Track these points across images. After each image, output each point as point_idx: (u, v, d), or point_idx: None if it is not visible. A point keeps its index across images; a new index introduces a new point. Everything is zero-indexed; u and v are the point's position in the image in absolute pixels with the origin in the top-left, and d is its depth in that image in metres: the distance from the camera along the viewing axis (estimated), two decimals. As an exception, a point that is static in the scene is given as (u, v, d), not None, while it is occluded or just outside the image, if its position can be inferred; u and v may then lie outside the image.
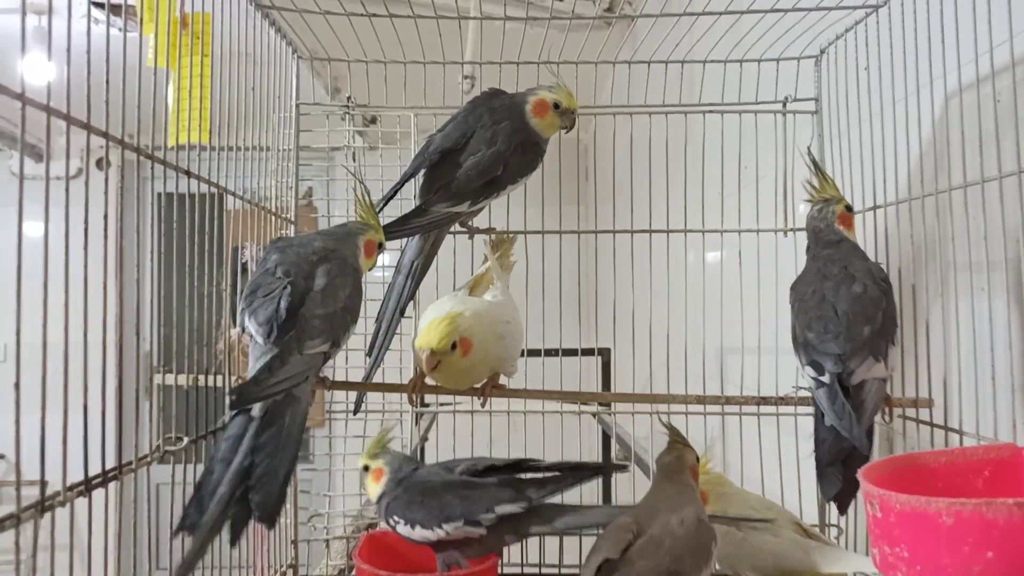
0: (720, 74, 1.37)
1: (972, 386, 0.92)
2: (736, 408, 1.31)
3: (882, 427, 1.08)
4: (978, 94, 0.90)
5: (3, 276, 0.74)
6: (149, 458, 0.89)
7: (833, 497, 0.96)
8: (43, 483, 0.67)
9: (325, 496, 1.83)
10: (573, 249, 1.47)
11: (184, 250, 0.98)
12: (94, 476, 0.78)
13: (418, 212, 1.15)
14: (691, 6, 1.23)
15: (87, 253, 0.72)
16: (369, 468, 1.09)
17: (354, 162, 1.60)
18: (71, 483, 0.73)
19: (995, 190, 0.88)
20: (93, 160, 3.92)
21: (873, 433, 0.97)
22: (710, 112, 1.37)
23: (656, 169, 1.34)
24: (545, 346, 1.40)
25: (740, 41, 1.36)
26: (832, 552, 1.02)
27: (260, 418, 0.91)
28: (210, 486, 0.88)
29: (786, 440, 1.27)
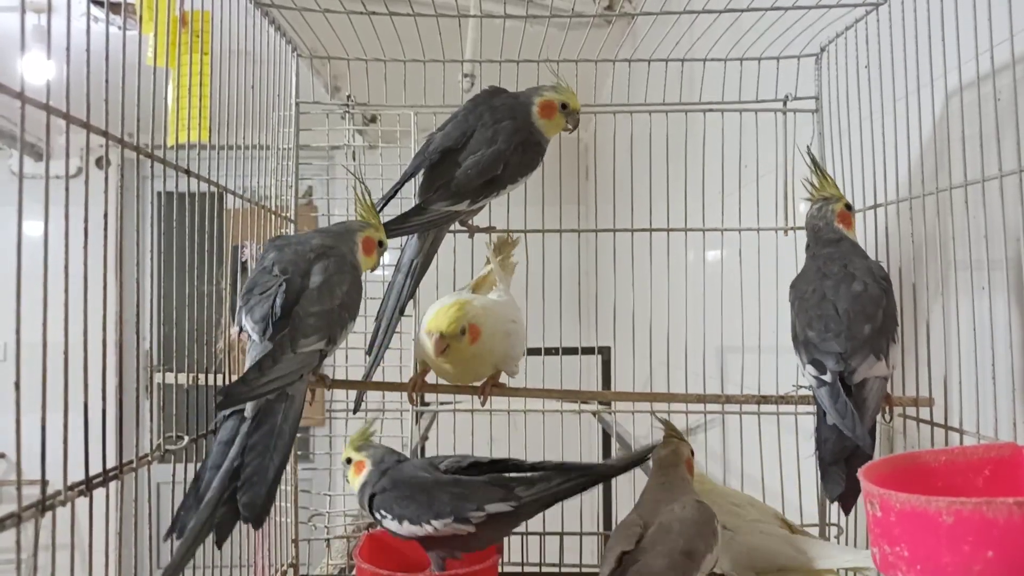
0: (720, 72, 1.37)
1: (972, 385, 0.92)
2: (736, 407, 1.31)
3: (882, 426, 1.08)
4: (978, 92, 0.90)
5: (3, 275, 0.73)
6: (149, 457, 0.89)
7: (837, 497, 0.95)
8: (44, 482, 0.67)
9: (325, 495, 1.83)
10: (573, 248, 1.47)
11: (184, 249, 0.98)
12: (95, 475, 0.78)
13: (418, 211, 1.15)
14: (691, 4, 1.23)
15: (87, 252, 0.72)
16: (351, 461, 1.11)
17: (354, 161, 1.60)
18: (72, 482, 0.73)
19: (995, 189, 0.88)
20: (93, 159, 3.92)
21: (875, 432, 0.97)
22: (710, 111, 1.37)
23: (656, 168, 1.34)
24: (545, 345, 1.40)
25: (740, 39, 1.36)
26: (821, 546, 1.02)
27: (252, 418, 0.92)
28: (200, 489, 0.88)
29: (786, 439, 1.27)
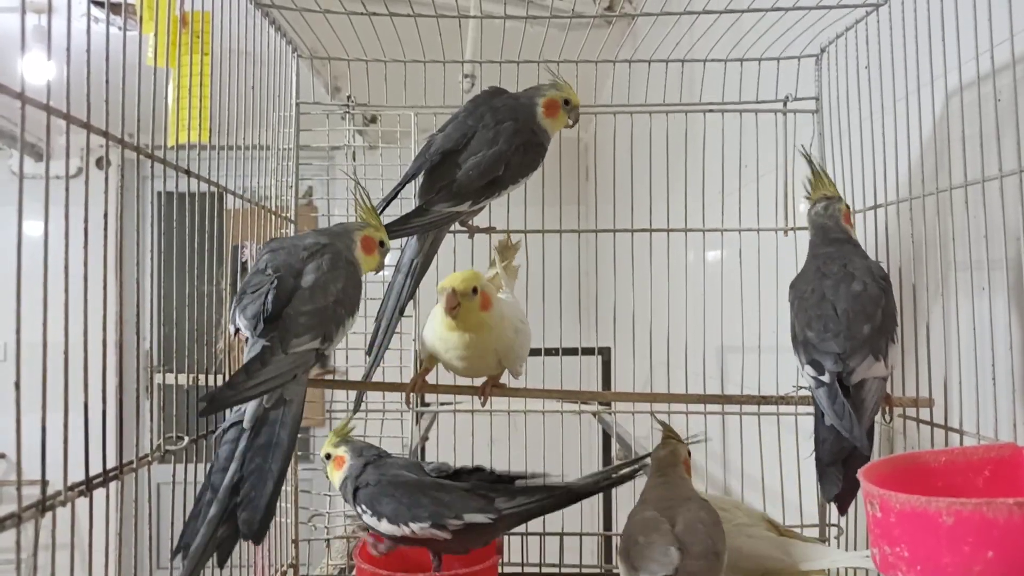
0: (720, 73, 1.37)
1: (972, 385, 0.92)
2: (736, 407, 1.31)
3: (882, 426, 1.08)
4: (978, 93, 0.90)
5: (3, 276, 0.73)
6: (150, 457, 0.89)
7: (834, 497, 0.96)
8: (44, 483, 0.67)
9: (325, 495, 1.83)
10: (573, 248, 1.47)
11: (184, 249, 0.98)
12: (95, 475, 0.78)
13: (419, 212, 1.15)
14: (691, 5, 1.23)
15: (87, 252, 0.72)
16: (331, 456, 1.12)
17: (354, 161, 1.60)
18: (72, 482, 0.73)
19: (995, 189, 0.88)
20: (93, 159, 3.92)
21: (874, 432, 0.97)
22: (710, 111, 1.37)
23: (656, 168, 1.34)
24: (545, 345, 1.40)
25: (740, 40, 1.36)
26: (808, 549, 1.03)
27: (251, 428, 0.92)
28: (200, 512, 0.89)
29: (786, 439, 1.27)
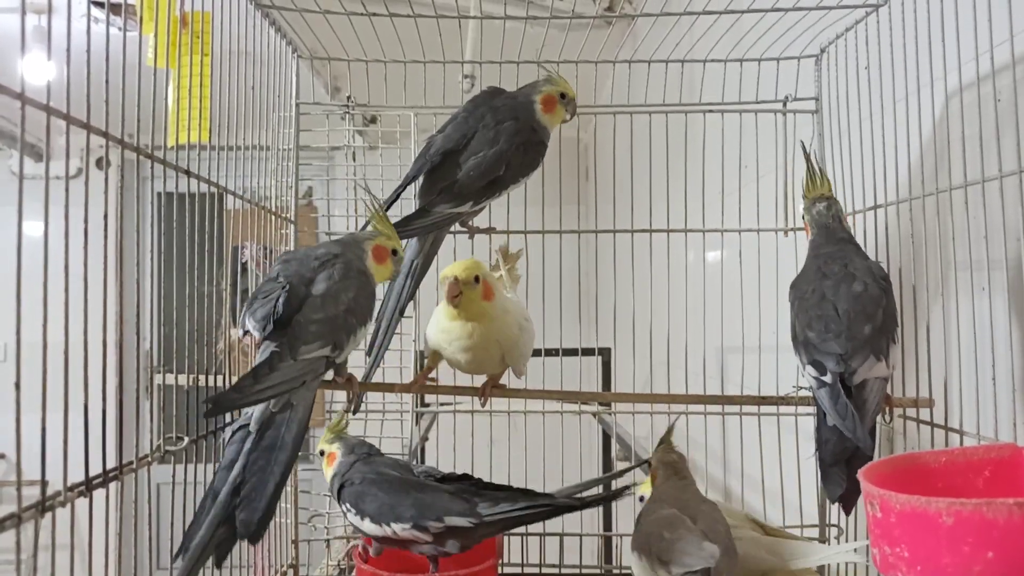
0: (720, 73, 1.37)
1: (972, 386, 0.92)
2: (736, 408, 1.31)
3: (883, 427, 1.08)
4: (978, 93, 0.90)
5: (3, 276, 0.73)
6: (149, 458, 0.89)
7: (838, 498, 0.95)
8: (44, 483, 0.67)
9: (325, 496, 1.83)
10: (573, 249, 1.47)
11: (184, 250, 0.98)
12: (95, 476, 0.78)
13: (420, 213, 1.15)
14: (691, 6, 1.23)
15: (87, 253, 0.72)
16: (324, 452, 1.16)
17: (354, 162, 1.60)
18: (72, 483, 0.73)
19: (995, 189, 0.88)
20: (93, 160, 3.92)
21: (876, 432, 0.97)
22: (710, 112, 1.37)
23: (656, 169, 1.34)
24: (545, 346, 1.40)
25: (740, 40, 1.36)
26: (794, 547, 1.03)
27: (256, 431, 0.93)
28: (202, 515, 0.90)
29: (786, 440, 1.27)
